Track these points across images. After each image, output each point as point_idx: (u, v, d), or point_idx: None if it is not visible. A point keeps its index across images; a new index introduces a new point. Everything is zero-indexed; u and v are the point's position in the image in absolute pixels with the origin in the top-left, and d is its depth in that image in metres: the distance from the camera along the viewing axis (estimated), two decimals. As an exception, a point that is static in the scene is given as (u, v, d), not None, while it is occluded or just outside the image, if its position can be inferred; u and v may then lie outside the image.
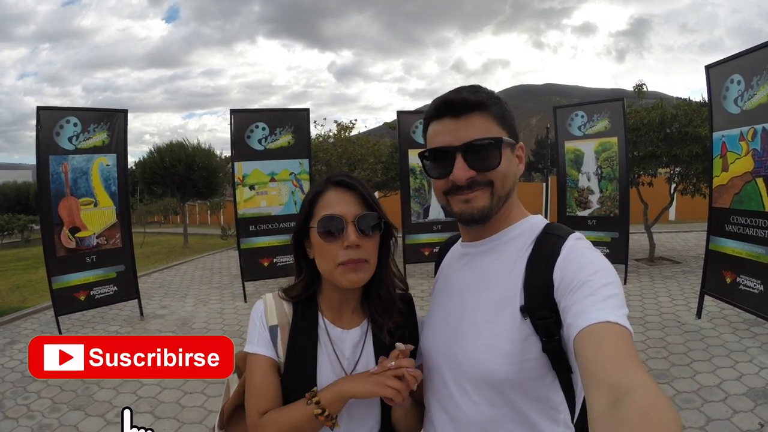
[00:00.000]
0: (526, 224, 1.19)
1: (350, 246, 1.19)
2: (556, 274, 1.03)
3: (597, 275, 0.96)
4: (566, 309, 0.96)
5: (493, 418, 1.10)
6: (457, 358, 1.16)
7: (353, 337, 1.31)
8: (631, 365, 0.79)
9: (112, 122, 6.77)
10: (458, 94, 1.12)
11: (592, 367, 0.81)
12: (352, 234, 1.19)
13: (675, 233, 14.04)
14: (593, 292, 0.93)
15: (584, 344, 0.86)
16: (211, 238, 18.99)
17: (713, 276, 5.86)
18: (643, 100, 10.31)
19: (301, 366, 1.24)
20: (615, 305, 0.90)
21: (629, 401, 0.70)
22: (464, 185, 1.11)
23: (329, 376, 1.25)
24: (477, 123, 1.11)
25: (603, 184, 8.03)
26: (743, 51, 5.21)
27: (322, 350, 1.28)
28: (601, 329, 0.86)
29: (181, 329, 6.78)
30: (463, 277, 1.24)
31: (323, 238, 1.22)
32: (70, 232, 6.42)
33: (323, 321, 1.31)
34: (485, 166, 1.10)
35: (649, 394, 0.71)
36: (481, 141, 1.09)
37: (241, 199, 7.98)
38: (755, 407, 3.91)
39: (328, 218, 1.21)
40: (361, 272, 1.22)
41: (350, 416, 1.25)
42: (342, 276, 1.21)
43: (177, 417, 4.19)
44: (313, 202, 1.27)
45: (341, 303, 1.32)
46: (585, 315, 0.90)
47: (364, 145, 12.50)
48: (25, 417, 4.27)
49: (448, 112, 1.13)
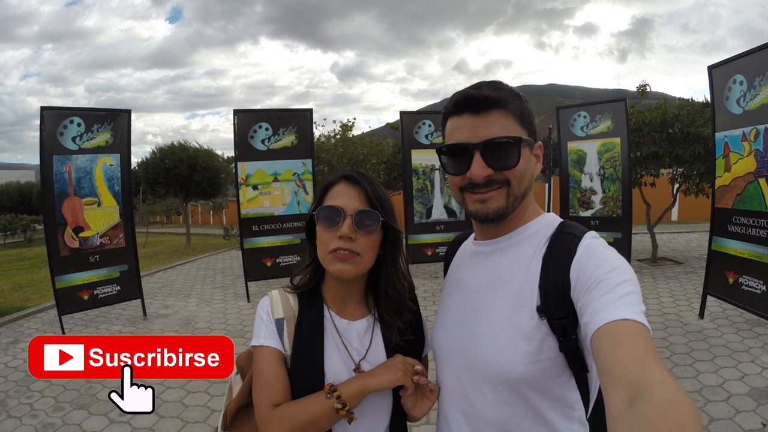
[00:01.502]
0: (541, 222, 1.19)
1: (343, 236, 1.22)
2: (573, 274, 1.02)
3: (613, 273, 0.96)
4: (583, 308, 0.96)
5: (508, 416, 1.10)
6: (471, 356, 1.15)
7: (359, 328, 1.34)
8: (648, 362, 0.78)
9: (115, 122, 6.79)
10: (479, 90, 1.11)
11: (610, 365, 0.81)
12: (346, 226, 1.22)
13: (677, 233, 14.01)
14: (610, 290, 0.92)
15: (601, 342, 0.86)
16: (213, 238, 19.00)
17: (716, 276, 5.86)
18: (646, 101, 10.30)
19: (308, 357, 1.25)
20: (632, 302, 0.90)
21: (648, 398, 0.70)
22: (481, 183, 1.11)
23: (337, 366, 1.27)
24: (497, 121, 1.10)
25: (606, 184, 8.03)
26: (745, 51, 5.20)
27: (329, 341, 1.30)
28: (619, 327, 0.85)
29: (184, 329, 6.79)
30: (476, 275, 1.23)
31: (321, 225, 1.26)
32: (73, 232, 6.43)
33: (329, 312, 1.33)
34: (503, 165, 1.09)
35: (668, 390, 0.70)
36: (500, 140, 1.08)
37: (244, 199, 7.99)
38: (757, 407, 3.91)
39: (329, 208, 1.25)
40: (349, 264, 1.24)
41: (363, 410, 1.26)
42: (331, 264, 1.25)
43: (180, 416, 4.20)
44: (324, 192, 1.31)
45: (344, 295, 1.35)
46: (602, 313, 0.89)
47: (366, 146, 12.50)
48: (29, 416, 4.28)
49: (468, 108, 1.11)
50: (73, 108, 6.62)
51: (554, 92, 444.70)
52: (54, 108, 6.53)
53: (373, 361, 1.30)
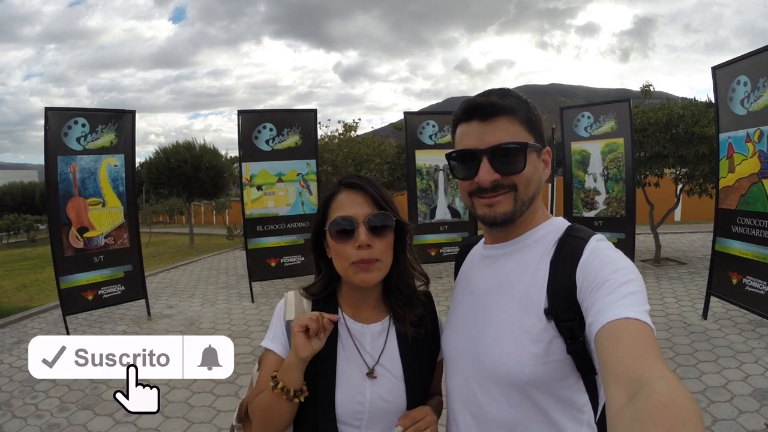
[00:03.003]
0: (549, 226, 1.20)
1: (362, 246, 1.22)
2: (579, 275, 1.04)
3: (617, 274, 0.97)
4: (588, 308, 0.97)
5: (517, 418, 1.11)
6: (480, 358, 1.17)
7: (373, 331, 1.34)
8: (649, 359, 0.79)
9: (120, 123, 6.81)
10: (487, 97, 1.14)
11: (611, 363, 0.82)
12: (362, 234, 1.22)
13: (681, 234, 13.98)
14: (613, 290, 0.94)
15: (604, 341, 0.87)
16: (216, 238, 19.02)
17: (719, 277, 5.86)
18: (649, 101, 10.29)
19: (321, 360, 1.26)
20: (635, 302, 0.91)
21: (648, 393, 0.70)
22: (488, 188, 1.13)
23: (350, 369, 1.29)
24: (504, 127, 1.12)
25: (609, 185, 8.02)
26: (749, 52, 5.20)
27: (342, 344, 1.31)
28: (621, 325, 0.86)
29: (188, 329, 6.82)
30: (485, 278, 1.25)
31: (336, 239, 1.25)
32: (78, 232, 6.45)
33: (343, 316, 1.34)
34: (510, 170, 1.12)
35: (668, 386, 0.71)
36: (507, 145, 1.11)
37: (248, 200, 8.01)
38: (761, 407, 3.92)
39: (339, 220, 1.24)
40: (373, 272, 1.24)
41: (372, 419, 1.28)
42: (355, 275, 1.25)
43: (186, 416, 4.22)
44: (327, 205, 1.31)
45: (360, 301, 1.35)
46: (605, 312, 0.90)
47: (369, 146, 12.51)
48: (34, 416, 4.31)
49: (476, 116, 1.14)
50: (78, 108, 6.65)
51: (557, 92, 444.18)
52: (58, 108, 6.54)
53: (387, 364, 1.31)
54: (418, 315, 1.36)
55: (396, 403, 1.30)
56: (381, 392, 1.28)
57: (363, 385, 1.28)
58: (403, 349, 1.33)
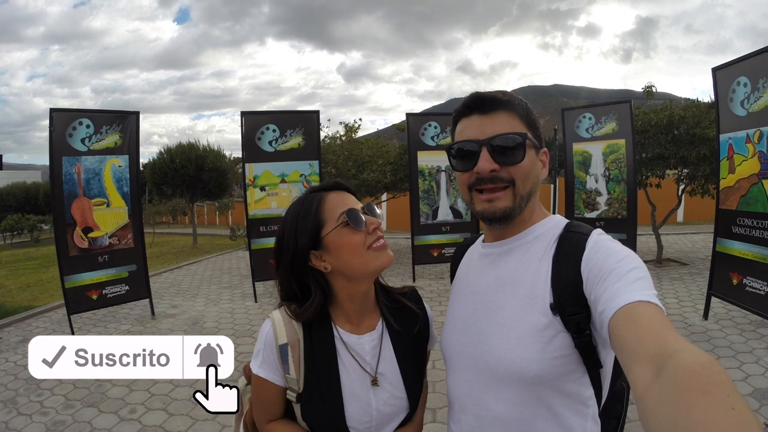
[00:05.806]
0: (548, 223, 1.22)
1: (377, 227, 1.28)
2: (584, 269, 1.05)
3: (622, 263, 0.99)
4: (597, 298, 0.98)
5: (523, 415, 1.11)
6: (483, 358, 1.17)
7: (369, 339, 1.34)
8: (668, 335, 0.80)
9: (124, 124, 6.86)
10: (488, 92, 1.18)
11: (631, 344, 0.82)
12: (373, 219, 1.28)
13: (683, 235, 13.98)
14: (621, 278, 0.95)
15: (619, 325, 0.88)
16: (219, 239, 19.07)
17: (720, 277, 5.88)
18: (651, 101, 10.30)
19: (326, 380, 1.27)
20: (643, 287, 0.93)
21: (675, 364, 0.70)
22: (487, 178, 1.14)
23: (354, 383, 1.29)
24: (503, 119, 1.15)
25: (611, 185, 8.05)
26: (749, 53, 5.23)
27: (342, 360, 1.30)
28: (634, 308, 0.88)
29: (192, 329, 6.85)
30: (486, 277, 1.25)
31: (354, 226, 1.24)
32: (82, 232, 6.50)
33: (337, 331, 1.32)
34: (509, 160, 1.13)
35: (693, 355, 0.71)
36: (506, 135, 1.13)
37: (251, 200, 8.06)
38: (761, 407, 3.94)
39: (350, 211, 1.26)
40: (388, 250, 1.29)
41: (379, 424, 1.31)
42: (376, 259, 1.26)
43: (190, 414, 4.25)
44: (318, 212, 1.28)
45: (358, 313, 1.36)
46: (616, 299, 0.91)
47: (372, 147, 12.54)
48: (39, 414, 4.34)
49: (477, 109, 1.17)
50: (82, 110, 6.70)
51: (559, 93, 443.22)
52: (63, 110, 6.58)
53: (386, 370, 1.33)
54: (410, 312, 1.41)
55: (399, 404, 1.33)
56: (385, 397, 1.31)
57: (368, 395, 1.29)
58: (398, 350, 1.35)
